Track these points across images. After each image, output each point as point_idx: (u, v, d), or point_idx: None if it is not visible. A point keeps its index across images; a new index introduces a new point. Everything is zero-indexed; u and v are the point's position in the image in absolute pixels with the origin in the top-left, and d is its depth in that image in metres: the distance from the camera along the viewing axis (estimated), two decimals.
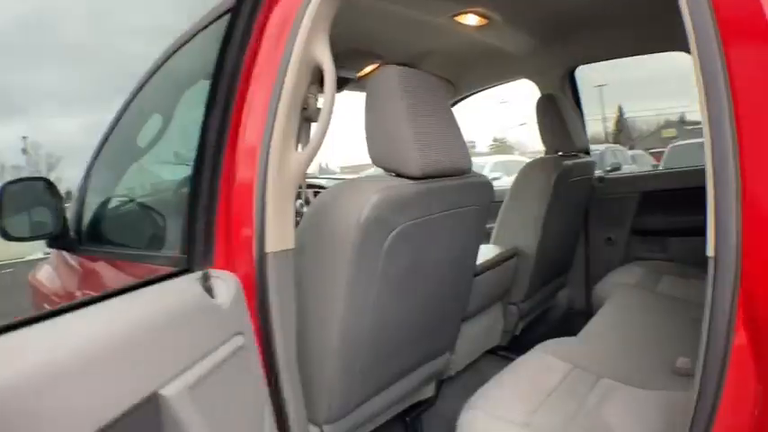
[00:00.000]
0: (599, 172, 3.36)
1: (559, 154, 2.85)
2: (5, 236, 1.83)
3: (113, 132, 2.17)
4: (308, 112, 1.34)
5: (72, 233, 2.10)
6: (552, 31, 2.77)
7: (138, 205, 2.18)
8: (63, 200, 2.06)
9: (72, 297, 2.09)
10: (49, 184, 1.92)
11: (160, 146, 2.02)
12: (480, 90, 3.59)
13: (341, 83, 2.96)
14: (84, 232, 2.15)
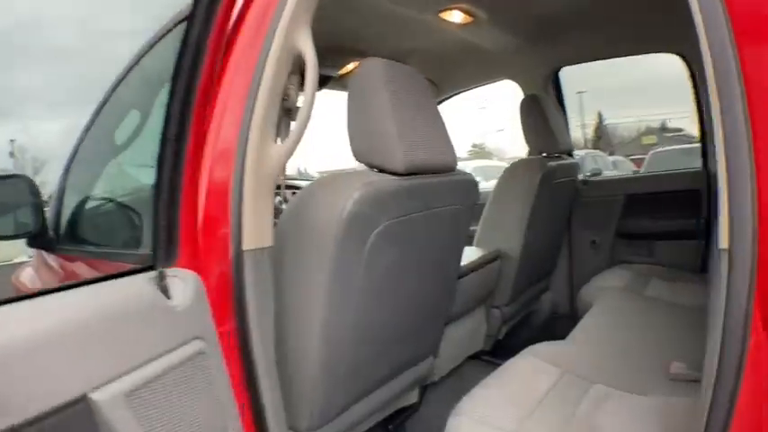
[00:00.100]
0: (582, 175, 3.35)
1: (543, 155, 2.82)
2: None
3: (91, 129, 2.11)
4: (288, 103, 1.28)
5: (51, 232, 2.04)
6: (537, 30, 2.74)
7: (115, 204, 2.11)
8: (42, 198, 2.00)
9: None
10: (29, 182, 1.85)
11: (138, 143, 1.95)
12: (463, 91, 3.56)
13: (321, 81, 2.89)
14: (62, 231, 2.08)
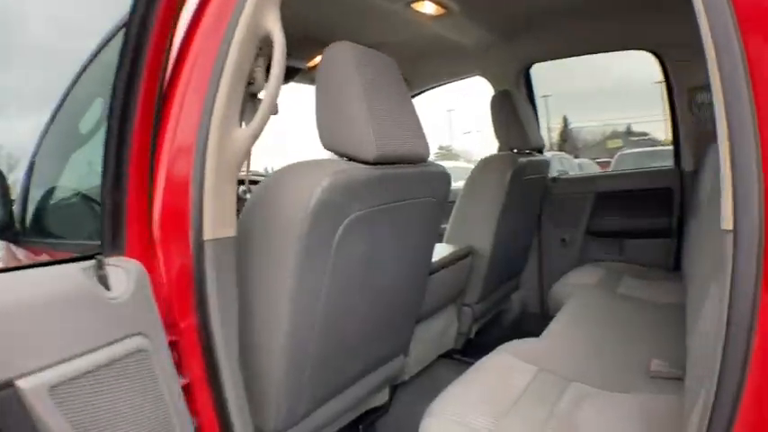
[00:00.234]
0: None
1: (514, 151, 2.79)
2: None
3: (56, 120, 2.02)
4: (254, 88, 1.22)
5: (17, 224, 1.96)
6: (509, 24, 2.72)
7: (79, 195, 2.03)
8: (9, 191, 1.92)
9: None
10: None
11: (103, 132, 1.89)
12: (433, 87, 3.52)
13: (289, 73, 2.84)
14: (28, 223, 2.00)
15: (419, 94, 3.53)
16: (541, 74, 3.34)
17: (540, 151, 3.02)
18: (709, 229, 1.61)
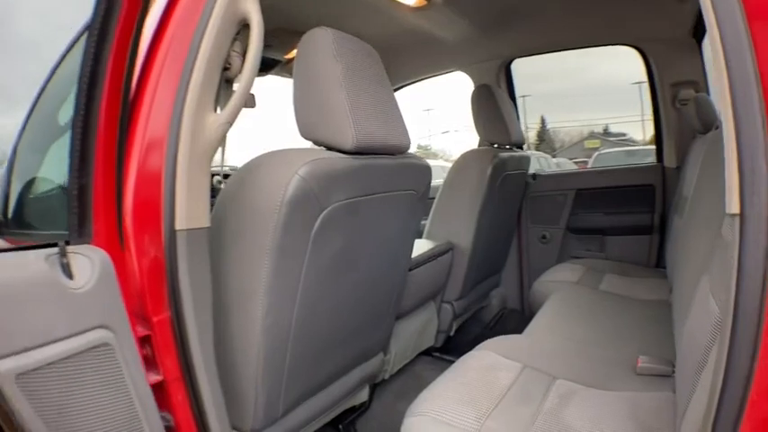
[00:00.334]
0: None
1: (495, 146, 2.77)
2: None
3: (36, 109, 1.97)
4: (230, 73, 1.17)
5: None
6: (492, 18, 2.68)
7: (57, 186, 1.99)
8: None
9: None
10: None
11: None
12: (413, 82, 3.47)
13: (267, 65, 2.80)
14: (10, 215, 1.94)
15: (399, 89, 3.48)
16: (519, 74, 3.33)
17: (521, 147, 3.01)
18: (697, 224, 1.60)
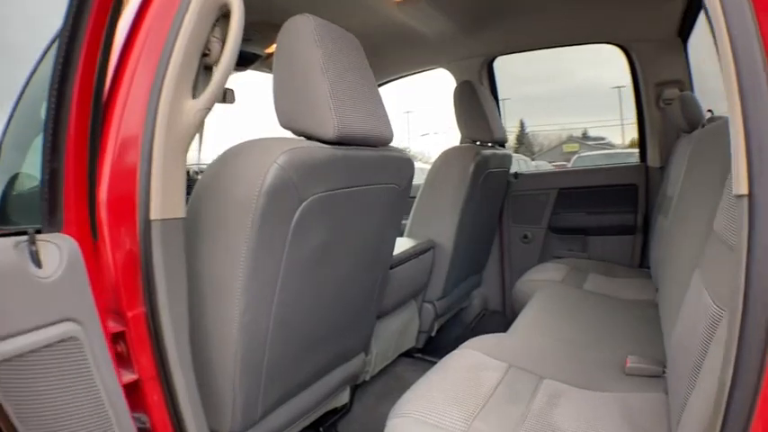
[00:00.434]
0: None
1: (477, 143, 2.75)
2: None
3: (19, 106, 1.92)
4: (209, 58, 1.12)
5: None
6: (476, 14, 2.67)
7: (38, 181, 1.93)
8: None
9: None
10: None
11: None
12: (395, 78, 3.45)
13: (247, 59, 2.75)
14: None
15: (380, 85, 3.44)
16: (499, 77, 3.32)
17: (503, 145, 2.99)
18: (684, 222, 1.59)
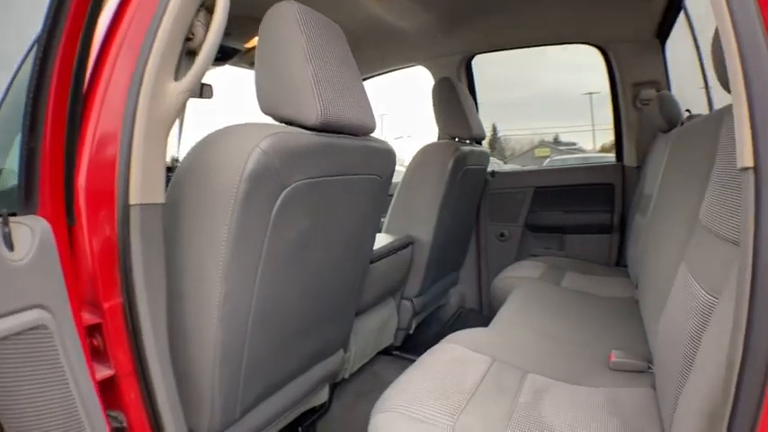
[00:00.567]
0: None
1: (455, 140, 2.74)
2: None
3: (9, 92, 1.85)
4: (193, 43, 1.09)
5: None
6: (455, 12, 2.66)
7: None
8: None
9: None
10: None
11: None
12: (373, 76, 3.42)
13: (227, 54, 2.71)
14: None
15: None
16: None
17: (480, 142, 2.98)
18: (666, 217, 1.59)
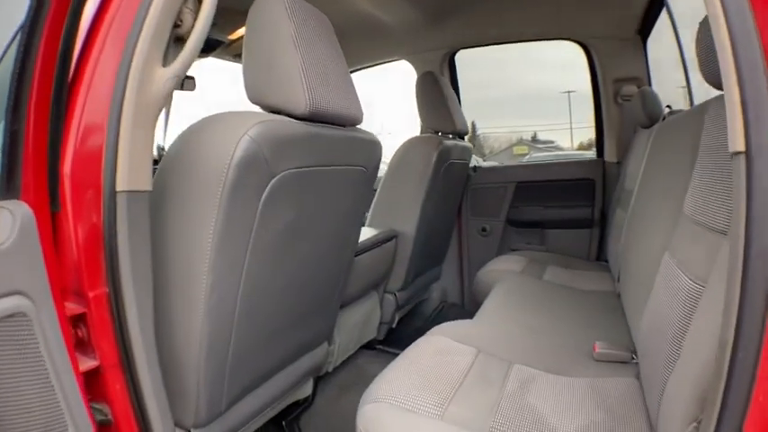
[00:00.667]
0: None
1: (439, 134, 2.75)
2: None
3: None
4: (181, 30, 1.08)
5: None
6: (439, 6, 2.67)
7: None
8: None
9: None
10: None
11: None
12: (357, 69, 3.41)
13: (209, 46, 2.67)
14: None
15: None
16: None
17: (462, 137, 2.99)
18: (648, 210, 1.61)
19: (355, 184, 1.53)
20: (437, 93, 2.66)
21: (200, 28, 1.04)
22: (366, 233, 2.31)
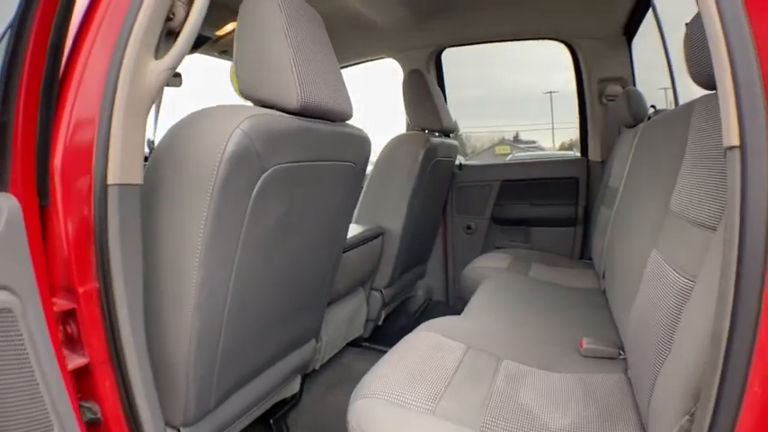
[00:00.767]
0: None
1: (425, 131, 2.75)
2: None
3: None
4: (173, 23, 1.06)
5: None
6: (426, 5, 2.66)
7: None
8: None
9: None
10: None
11: None
12: (344, 67, 3.37)
13: (197, 41, 2.64)
14: None
15: None
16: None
17: (448, 135, 3.00)
18: (634, 208, 1.62)
19: (345, 179, 1.53)
20: (424, 90, 2.67)
21: (193, 21, 1.03)
22: (353, 230, 2.31)
